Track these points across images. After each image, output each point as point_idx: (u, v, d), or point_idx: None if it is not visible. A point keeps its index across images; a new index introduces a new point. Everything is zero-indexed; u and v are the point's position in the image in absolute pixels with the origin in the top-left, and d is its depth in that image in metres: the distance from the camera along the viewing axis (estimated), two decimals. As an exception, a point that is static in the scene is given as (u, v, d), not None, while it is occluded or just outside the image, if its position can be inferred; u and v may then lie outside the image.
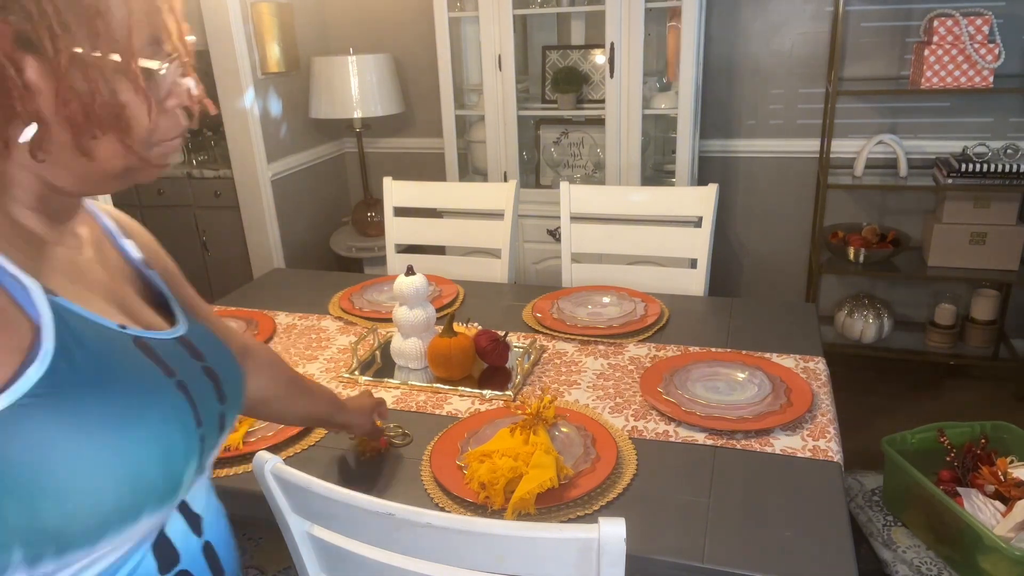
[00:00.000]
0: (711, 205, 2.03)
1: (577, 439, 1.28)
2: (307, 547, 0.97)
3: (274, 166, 3.26)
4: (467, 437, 1.31)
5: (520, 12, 2.82)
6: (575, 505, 1.13)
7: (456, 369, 1.53)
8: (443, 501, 1.16)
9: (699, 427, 1.32)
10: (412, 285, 1.56)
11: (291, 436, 1.35)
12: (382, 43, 3.48)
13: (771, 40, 2.97)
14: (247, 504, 1.22)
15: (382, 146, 3.69)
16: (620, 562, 0.77)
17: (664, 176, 3.07)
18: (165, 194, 3.53)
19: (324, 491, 0.87)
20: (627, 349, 1.65)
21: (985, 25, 2.52)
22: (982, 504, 1.55)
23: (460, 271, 2.25)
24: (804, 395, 1.38)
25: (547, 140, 3.06)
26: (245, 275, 3.45)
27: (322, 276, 2.23)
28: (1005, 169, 2.61)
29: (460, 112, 3.04)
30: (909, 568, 1.58)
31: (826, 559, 1.01)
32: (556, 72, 2.92)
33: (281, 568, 1.51)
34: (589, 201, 2.16)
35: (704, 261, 2.04)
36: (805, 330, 1.70)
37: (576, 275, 2.16)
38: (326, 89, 3.16)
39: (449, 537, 0.82)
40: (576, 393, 1.47)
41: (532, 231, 2.99)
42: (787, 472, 1.19)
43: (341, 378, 1.57)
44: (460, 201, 2.41)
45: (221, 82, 3.07)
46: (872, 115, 2.95)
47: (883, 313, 3.00)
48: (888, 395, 2.89)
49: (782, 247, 3.24)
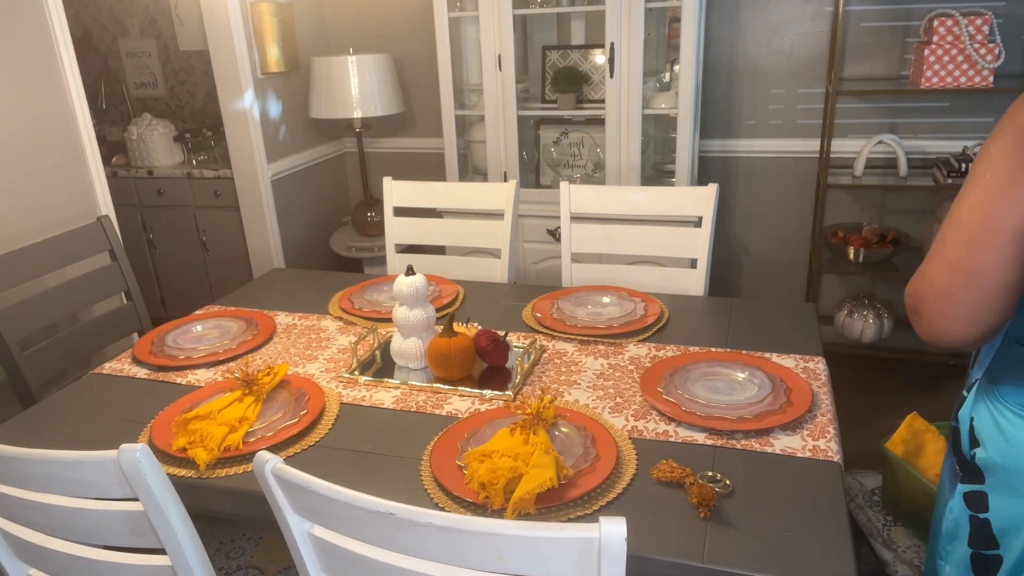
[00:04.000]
0: (711, 205, 2.03)
1: (577, 439, 1.29)
2: (307, 547, 0.97)
3: (274, 166, 3.27)
4: (467, 437, 1.31)
5: (520, 12, 2.82)
6: (575, 505, 1.13)
7: (456, 369, 1.53)
8: (443, 501, 1.16)
9: (699, 427, 1.32)
10: (412, 285, 1.56)
11: (291, 436, 1.35)
12: (382, 43, 3.48)
13: (771, 40, 2.97)
14: (247, 504, 1.23)
15: (382, 146, 3.69)
16: (621, 561, 0.77)
17: (664, 176, 3.07)
18: (165, 194, 3.53)
19: (324, 491, 0.87)
20: (627, 349, 1.65)
21: (985, 25, 2.52)
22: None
23: (460, 271, 2.26)
24: (804, 395, 1.38)
25: (547, 140, 3.06)
26: (245, 275, 3.45)
27: (322, 276, 2.23)
28: (1005, 169, 2.61)
29: (460, 112, 3.04)
30: (909, 568, 1.58)
31: (826, 559, 1.01)
32: (556, 72, 2.92)
33: (281, 568, 1.51)
34: (589, 201, 2.16)
35: (704, 261, 2.04)
36: (805, 330, 1.70)
37: (576, 275, 2.16)
38: (326, 89, 3.16)
39: (449, 537, 0.82)
40: (576, 393, 1.47)
41: (532, 231, 2.99)
42: (787, 472, 1.19)
43: (341, 378, 1.57)
44: (460, 201, 2.41)
45: (221, 82, 3.07)
46: (872, 115, 2.95)
47: (883, 313, 3.00)
48: (888, 395, 2.89)
49: (782, 247, 3.24)
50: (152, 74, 4.00)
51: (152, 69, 3.99)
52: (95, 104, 4.00)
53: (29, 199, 2.24)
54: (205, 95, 3.94)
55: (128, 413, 1.49)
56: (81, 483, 1.01)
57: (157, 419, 1.43)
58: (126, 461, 0.95)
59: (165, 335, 1.82)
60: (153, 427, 1.40)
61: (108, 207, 2.51)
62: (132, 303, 2.15)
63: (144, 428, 1.42)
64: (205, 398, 1.48)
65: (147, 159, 3.58)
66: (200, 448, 1.28)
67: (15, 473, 1.04)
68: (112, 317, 2.10)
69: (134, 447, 0.95)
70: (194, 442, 1.30)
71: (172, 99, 4.04)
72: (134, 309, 2.15)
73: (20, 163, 2.20)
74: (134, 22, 3.93)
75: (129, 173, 3.56)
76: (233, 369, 1.53)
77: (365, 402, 1.48)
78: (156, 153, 3.57)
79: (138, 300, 2.16)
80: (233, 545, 1.58)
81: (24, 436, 1.42)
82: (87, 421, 1.46)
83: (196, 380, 1.61)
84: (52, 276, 2.06)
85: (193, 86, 3.97)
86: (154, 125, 3.59)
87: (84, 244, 2.06)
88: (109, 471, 0.98)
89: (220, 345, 1.75)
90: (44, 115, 2.28)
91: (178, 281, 3.70)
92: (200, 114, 4.01)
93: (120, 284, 2.12)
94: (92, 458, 0.98)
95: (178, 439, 1.32)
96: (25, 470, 1.03)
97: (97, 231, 2.09)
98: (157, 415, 1.45)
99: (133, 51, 3.97)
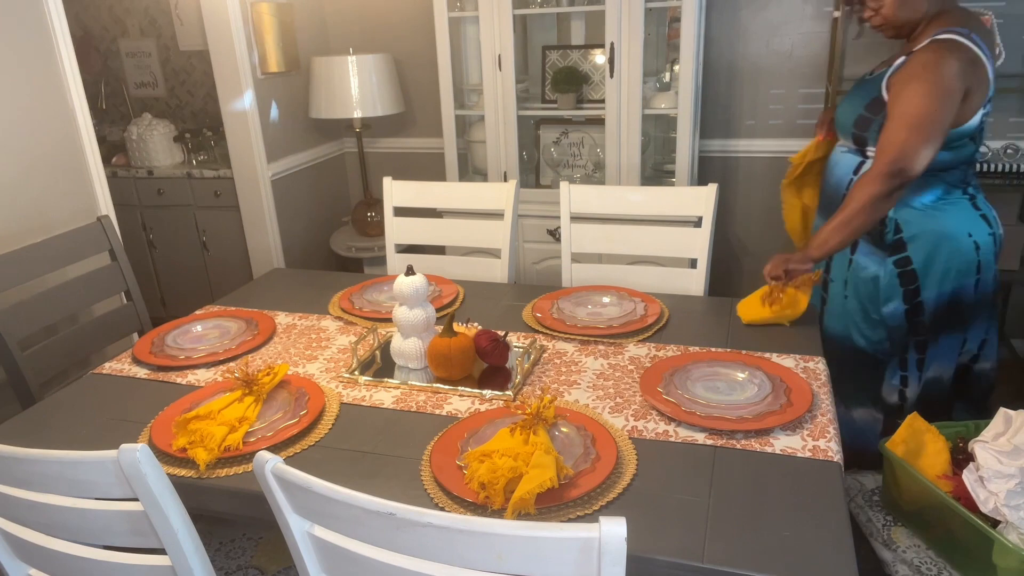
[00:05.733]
0: (711, 205, 2.03)
1: (577, 439, 1.29)
2: (307, 547, 0.97)
3: (274, 166, 3.27)
4: (467, 437, 1.31)
5: (520, 12, 2.82)
6: (575, 505, 1.13)
7: (456, 369, 1.53)
8: (443, 501, 1.16)
9: (699, 427, 1.32)
10: (412, 285, 1.56)
11: (291, 436, 1.35)
12: (382, 43, 3.48)
13: (771, 40, 2.97)
14: (247, 504, 1.23)
15: (382, 146, 3.69)
16: (621, 561, 0.77)
17: (664, 176, 3.07)
18: (165, 194, 3.53)
19: (324, 491, 0.87)
20: (627, 349, 1.65)
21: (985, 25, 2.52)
22: (984, 460, 1.52)
23: (460, 271, 2.25)
24: (804, 395, 1.38)
25: (547, 140, 3.06)
26: (245, 275, 3.45)
27: (322, 276, 2.23)
28: (1005, 169, 2.61)
29: (460, 112, 3.04)
30: (909, 568, 1.58)
31: (826, 559, 1.01)
32: (556, 72, 2.92)
33: (281, 568, 1.51)
34: (589, 201, 2.16)
35: (704, 261, 2.04)
36: (805, 330, 1.70)
37: (576, 275, 2.16)
38: (326, 89, 3.16)
39: (450, 537, 0.82)
40: (576, 393, 1.47)
41: (532, 231, 2.99)
42: (787, 472, 1.19)
43: (341, 378, 1.57)
44: (460, 201, 2.41)
45: (221, 82, 3.07)
46: (872, 115, 2.95)
47: (883, 313, 3.00)
48: (888, 395, 2.88)
49: (782, 247, 3.24)
50: (152, 74, 4.00)
51: (152, 69, 3.99)
52: (95, 104, 4.00)
53: (29, 199, 2.24)
54: (205, 95, 3.94)
55: (128, 413, 1.49)
56: (81, 483, 1.01)
57: (157, 419, 1.43)
58: (126, 461, 0.95)
59: (165, 335, 1.82)
60: (153, 427, 1.40)
61: (108, 207, 2.51)
62: (132, 303, 2.15)
63: (144, 428, 1.42)
64: (205, 398, 1.48)
65: (147, 159, 3.58)
66: (200, 448, 1.28)
67: (15, 473, 1.04)
68: (112, 317, 2.10)
69: (134, 447, 0.95)
70: (194, 442, 1.30)
71: (172, 99, 4.04)
72: (134, 309, 2.15)
73: (20, 163, 2.20)
74: (134, 22, 3.93)
75: (129, 173, 3.56)
76: (233, 369, 1.53)
77: (365, 402, 1.48)
78: (156, 153, 3.57)
79: (138, 300, 2.16)
80: (233, 545, 1.59)
81: (24, 436, 1.42)
82: (87, 421, 1.46)
83: (196, 380, 1.61)
84: (52, 276, 2.06)
85: (193, 86, 3.97)
86: (154, 125, 3.59)
87: (84, 244, 2.06)
88: (109, 471, 0.98)
89: (220, 345, 1.75)
90: (44, 115, 2.28)
91: (178, 281, 3.70)
92: (200, 114, 4.01)
93: (120, 284, 2.12)
94: (92, 458, 0.98)
95: (178, 439, 1.32)
96: (25, 470, 1.03)
97: (97, 231, 2.09)
98: (157, 415, 1.45)
99: (133, 51, 3.98)
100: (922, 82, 1.66)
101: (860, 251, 1.86)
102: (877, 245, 1.82)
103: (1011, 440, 1.52)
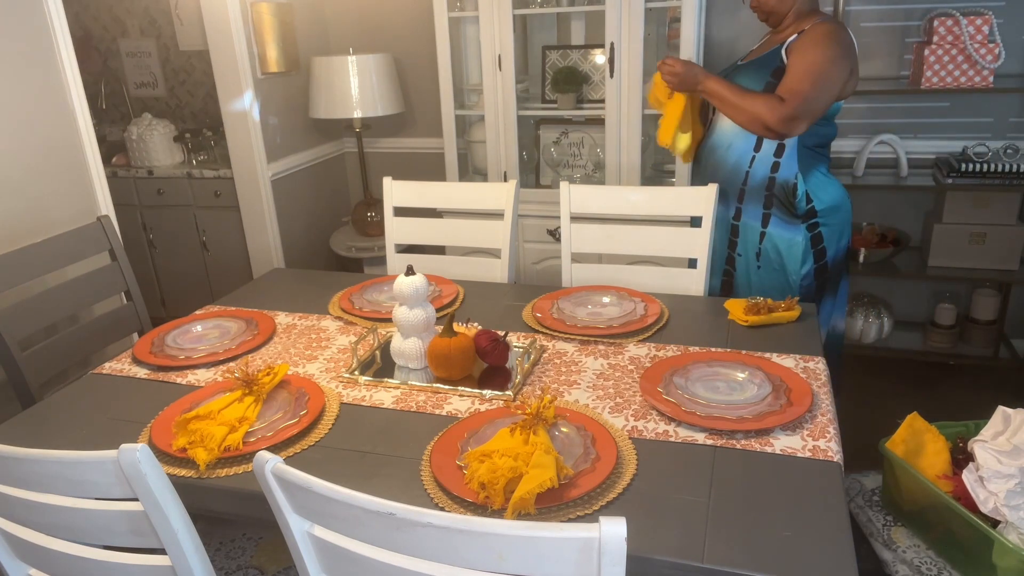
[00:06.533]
0: (711, 205, 2.03)
1: (577, 439, 1.29)
2: (307, 547, 0.97)
3: (274, 166, 3.27)
4: (467, 437, 1.31)
5: (520, 12, 2.82)
6: (575, 505, 1.13)
7: (456, 369, 1.53)
8: (443, 501, 1.16)
9: (699, 427, 1.32)
10: (412, 285, 1.56)
11: (291, 436, 1.35)
12: (382, 43, 3.48)
13: (771, 40, 2.97)
14: (247, 504, 1.23)
15: (382, 146, 3.69)
16: (621, 561, 0.77)
17: (664, 176, 3.07)
18: (165, 194, 3.53)
19: (324, 491, 0.87)
20: (627, 349, 1.65)
21: (985, 25, 2.53)
22: (984, 460, 1.52)
23: (460, 271, 2.25)
24: (804, 395, 1.38)
25: (547, 140, 3.06)
26: (245, 275, 3.45)
27: (322, 276, 2.23)
28: (1005, 169, 2.61)
29: (460, 112, 3.04)
30: (909, 568, 1.58)
31: (826, 559, 1.01)
32: (556, 72, 2.92)
33: (281, 568, 1.51)
34: (589, 201, 2.16)
35: (704, 261, 2.04)
36: (805, 330, 1.70)
37: (576, 275, 2.15)
38: (326, 89, 3.16)
39: (449, 537, 0.82)
40: (576, 393, 1.47)
41: (532, 231, 2.99)
42: (787, 472, 1.19)
43: (341, 378, 1.57)
44: (460, 201, 2.41)
45: (221, 82, 3.07)
46: (872, 115, 2.95)
47: (883, 313, 3.00)
48: (888, 395, 2.89)
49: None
50: (152, 74, 4.00)
51: (152, 69, 3.99)
52: (95, 104, 4.00)
53: (29, 199, 2.24)
54: (205, 95, 3.94)
55: (128, 413, 1.49)
56: (81, 483, 1.01)
57: (157, 419, 1.43)
58: (126, 461, 0.95)
59: (165, 335, 1.82)
60: (153, 427, 1.40)
61: (108, 207, 2.51)
62: (132, 303, 2.15)
63: (144, 428, 1.42)
64: (205, 398, 1.48)
65: (147, 159, 3.58)
66: (200, 448, 1.28)
67: (15, 473, 1.04)
68: (112, 317, 2.10)
69: (134, 447, 0.95)
70: (194, 442, 1.30)
71: (172, 99, 4.04)
72: (134, 309, 2.15)
73: (20, 163, 2.20)
74: (134, 22, 3.93)
75: (129, 173, 3.56)
76: (233, 369, 1.53)
77: (365, 402, 1.48)
78: (156, 153, 3.57)
79: (138, 300, 2.16)
80: (233, 545, 1.59)
81: (24, 436, 1.42)
82: (87, 421, 1.46)
83: (196, 380, 1.61)
84: (52, 276, 2.06)
85: (193, 86, 3.97)
86: (154, 125, 3.59)
87: (84, 244, 2.06)
88: (109, 471, 0.98)
89: (220, 345, 1.75)
90: (44, 115, 2.28)
91: (178, 281, 3.70)
92: (200, 114, 4.01)
93: (120, 284, 2.12)
94: (92, 458, 0.98)
95: (178, 439, 1.32)
96: (25, 470, 1.03)
97: (97, 231, 2.09)
98: (157, 415, 1.45)
99: (133, 51, 3.98)
100: (825, 48, 1.90)
101: (773, 224, 2.06)
102: (792, 215, 2.04)
103: (1010, 440, 1.52)
